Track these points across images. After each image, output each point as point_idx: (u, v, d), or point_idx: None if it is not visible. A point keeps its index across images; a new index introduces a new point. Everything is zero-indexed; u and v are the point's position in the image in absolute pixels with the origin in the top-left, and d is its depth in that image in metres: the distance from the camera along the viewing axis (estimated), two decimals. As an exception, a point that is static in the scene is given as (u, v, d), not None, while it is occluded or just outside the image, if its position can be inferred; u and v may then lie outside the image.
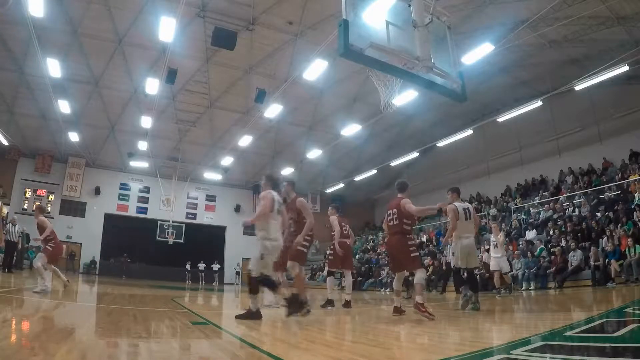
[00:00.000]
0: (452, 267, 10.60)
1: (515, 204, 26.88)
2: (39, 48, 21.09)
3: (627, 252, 15.66)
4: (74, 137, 31.35)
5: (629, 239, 15.83)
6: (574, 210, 21.70)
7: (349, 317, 9.21)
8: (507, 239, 20.99)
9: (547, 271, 18.08)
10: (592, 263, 16.64)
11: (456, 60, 7.21)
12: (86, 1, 21.32)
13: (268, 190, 7.36)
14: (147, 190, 38.60)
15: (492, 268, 16.06)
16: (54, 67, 22.56)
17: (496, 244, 15.60)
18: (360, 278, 28.61)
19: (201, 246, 38.01)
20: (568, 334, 5.08)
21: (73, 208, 35.85)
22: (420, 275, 7.98)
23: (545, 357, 3.76)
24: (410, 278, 10.89)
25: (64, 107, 27.00)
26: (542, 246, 19.70)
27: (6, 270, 19.42)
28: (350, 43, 5.66)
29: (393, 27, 6.20)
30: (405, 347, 4.84)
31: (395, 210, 8.19)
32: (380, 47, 5.89)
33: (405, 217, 8.12)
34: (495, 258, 15.64)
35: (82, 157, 35.12)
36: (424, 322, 7.38)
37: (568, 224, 19.92)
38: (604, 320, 6.32)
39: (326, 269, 13.59)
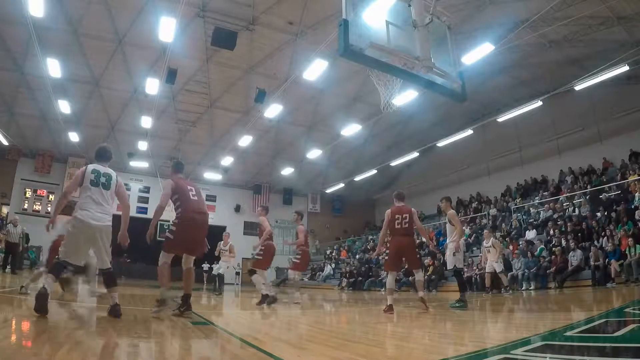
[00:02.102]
0: (453, 268, 10.76)
1: (515, 204, 26.88)
2: (39, 48, 21.10)
3: (627, 252, 15.70)
4: (74, 137, 31.31)
5: (629, 239, 15.86)
6: (574, 210, 21.72)
7: (349, 317, 9.22)
8: (505, 240, 21.67)
9: (547, 271, 18.11)
10: (592, 263, 16.67)
11: (456, 60, 7.21)
12: (86, 1, 21.28)
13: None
14: (147, 190, 38.51)
15: (487, 270, 17.72)
16: (54, 67, 22.57)
17: (489, 249, 17.33)
18: (360, 278, 28.66)
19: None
20: (568, 334, 5.09)
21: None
22: (420, 274, 9.87)
23: (545, 357, 3.77)
24: (411, 278, 11.17)
25: (64, 107, 26.99)
26: (542, 246, 19.73)
27: (5, 270, 19.37)
28: (350, 43, 5.66)
29: (393, 27, 6.20)
30: (405, 347, 4.84)
31: (408, 215, 9.50)
32: (380, 47, 5.89)
33: (414, 223, 9.59)
34: (491, 261, 17.25)
35: (82, 157, 34.97)
36: (424, 322, 7.40)
37: (568, 224, 19.94)
38: (604, 320, 6.33)
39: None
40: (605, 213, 19.17)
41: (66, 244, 6.36)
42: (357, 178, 39.06)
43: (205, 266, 35.29)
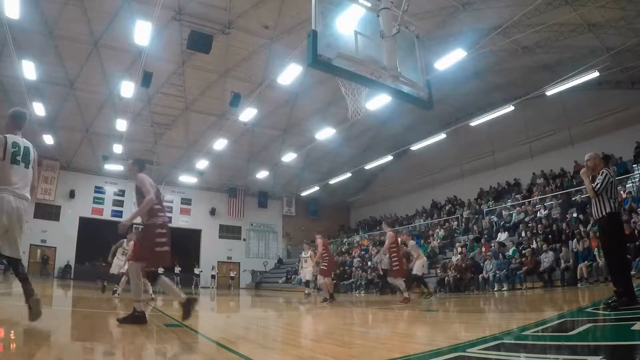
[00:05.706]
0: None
1: (488, 207, 27.20)
2: (14, 50, 20.91)
3: (595, 253, 16.02)
4: (48, 139, 30.93)
5: (599, 241, 16.17)
6: (546, 213, 21.97)
7: (319, 318, 9.37)
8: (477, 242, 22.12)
9: (518, 272, 18.36)
10: (563, 264, 16.99)
11: (424, 68, 7.30)
12: (62, 3, 21.17)
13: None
14: (122, 193, 38.22)
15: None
16: (29, 69, 22.31)
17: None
18: (334, 280, 28.80)
19: (176, 250, 37.84)
20: (525, 332, 5.28)
21: (47, 212, 35.22)
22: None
23: (501, 355, 3.94)
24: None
25: (39, 109, 26.59)
26: (514, 247, 20.03)
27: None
28: (319, 53, 5.69)
29: (362, 37, 6.28)
30: (367, 346, 4.99)
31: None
32: (347, 57, 5.95)
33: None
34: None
35: (56, 160, 34.66)
36: (388, 323, 7.58)
37: (539, 226, 20.27)
38: (563, 319, 6.52)
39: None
40: (575, 215, 19.53)
41: None
42: (332, 181, 39.18)
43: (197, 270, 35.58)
